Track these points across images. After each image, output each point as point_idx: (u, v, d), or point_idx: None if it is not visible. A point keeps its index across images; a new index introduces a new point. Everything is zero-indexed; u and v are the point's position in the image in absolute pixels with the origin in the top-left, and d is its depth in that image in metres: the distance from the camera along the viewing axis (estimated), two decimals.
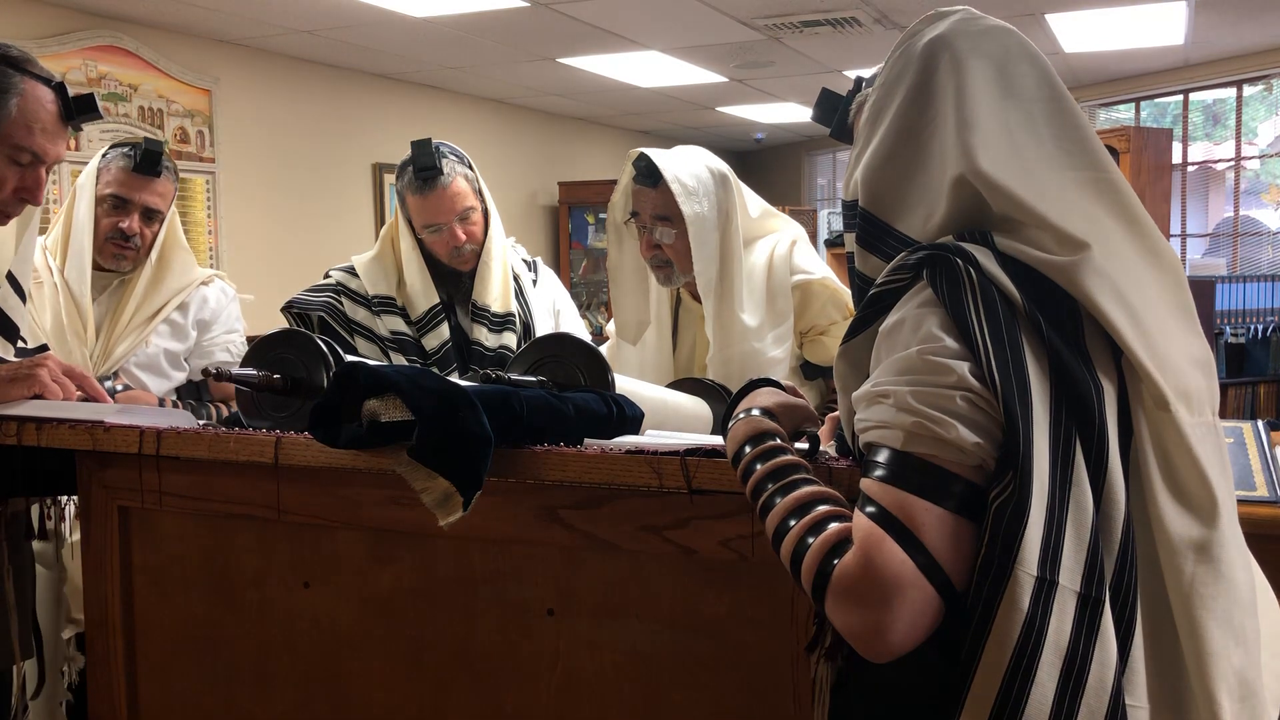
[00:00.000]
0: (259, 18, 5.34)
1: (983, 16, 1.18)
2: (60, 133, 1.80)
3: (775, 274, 2.28)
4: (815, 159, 11.31)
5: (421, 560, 1.55)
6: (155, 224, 2.36)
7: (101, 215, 2.31)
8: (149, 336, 2.35)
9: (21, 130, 1.73)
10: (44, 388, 1.75)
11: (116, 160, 2.31)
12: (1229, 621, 1.01)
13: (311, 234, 6.29)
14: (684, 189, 2.18)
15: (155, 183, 2.32)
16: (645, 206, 2.24)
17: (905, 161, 1.13)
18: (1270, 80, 7.73)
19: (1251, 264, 7.68)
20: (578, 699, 1.46)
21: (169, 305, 2.39)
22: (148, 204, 2.32)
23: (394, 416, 1.39)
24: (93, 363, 2.28)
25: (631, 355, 2.42)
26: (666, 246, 2.23)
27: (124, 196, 2.30)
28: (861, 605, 0.95)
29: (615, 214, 2.35)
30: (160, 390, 2.35)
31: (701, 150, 2.32)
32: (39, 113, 1.75)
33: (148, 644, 1.76)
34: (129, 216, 2.30)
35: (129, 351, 2.32)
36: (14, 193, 1.77)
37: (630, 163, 2.26)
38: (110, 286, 2.37)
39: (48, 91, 1.77)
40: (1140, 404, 1.03)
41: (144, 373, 2.34)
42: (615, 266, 2.39)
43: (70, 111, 1.80)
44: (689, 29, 5.84)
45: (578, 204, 8.80)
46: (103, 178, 2.31)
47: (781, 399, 1.26)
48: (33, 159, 1.76)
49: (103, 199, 2.30)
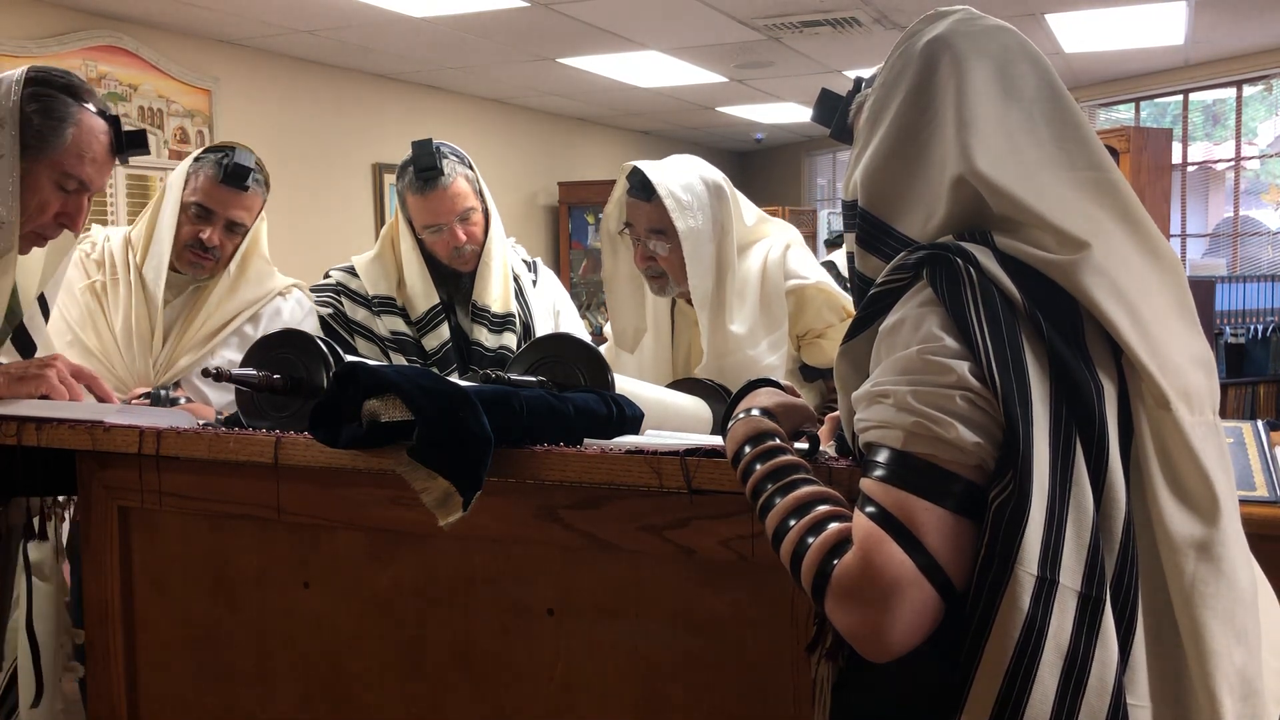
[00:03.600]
0: (259, 18, 5.34)
1: (982, 16, 1.18)
2: (108, 164, 1.84)
3: (769, 280, 2.26)
4: (815, 159, 11.30)
5: (421, 560, 1.55)
6: (238, 236, 2.29)
7: (184, 222, 2.24)
8: (216, 348, 2.28)
9: (73, 159, 1.78)
10: (51, 388, 1.75)
11: (207, 168, 2.24)
12: (1230, 620, 1.01)
13: (311, 234, 6.29)
14: (678, 204, 2.16)
15: (242, 196, 2.25)
16: (639, 219, 2.22)
17: (905, 162, 1.13)
18: (1270, 80, 7.73)
19: (1251, 264, 7.69)
20: (578, 699, 1.46)
21: (240, 317, 2.32)
22: (232, 217, 2.25)
23: (394, 416, 1.39)
24: (155, 371, 2.24)
25: (629, 360, 2.41)
26: (661, 258, 2.21)
27: (209, 207, 2.23)
28: (861, 605, 0.95)
29: (609, 224, 2.32)
30: (221, 403, 2.25)
31: (696, 160, 2.29)
32: (92, 144, 1.80)
33: (147, 644, 1.76)
34: (211, 227, 2.24)
35: (193, 364, 2.25)
36: (55, 218, 1.82)
37: (624, 176, 2.24)
38: (186, 290, 2.30)
39: (102, 123, 1.82)
40: (1141, 403, 1.03)
41: (206, 385, 2.25)
42: (610, 276, 2.37)
43: (121, 145, 1.85)
44: (689, 29, 5.84)
45: (578, 204, 8.79)
46: (190, 183, 2.25)
47: (781, 399, 1.26)
48: (79, 187, 1.81)
49: (187, 205, 2.24)
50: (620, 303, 2.38)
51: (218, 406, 2.23)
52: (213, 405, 2.22)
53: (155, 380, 2.23)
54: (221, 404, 2.25)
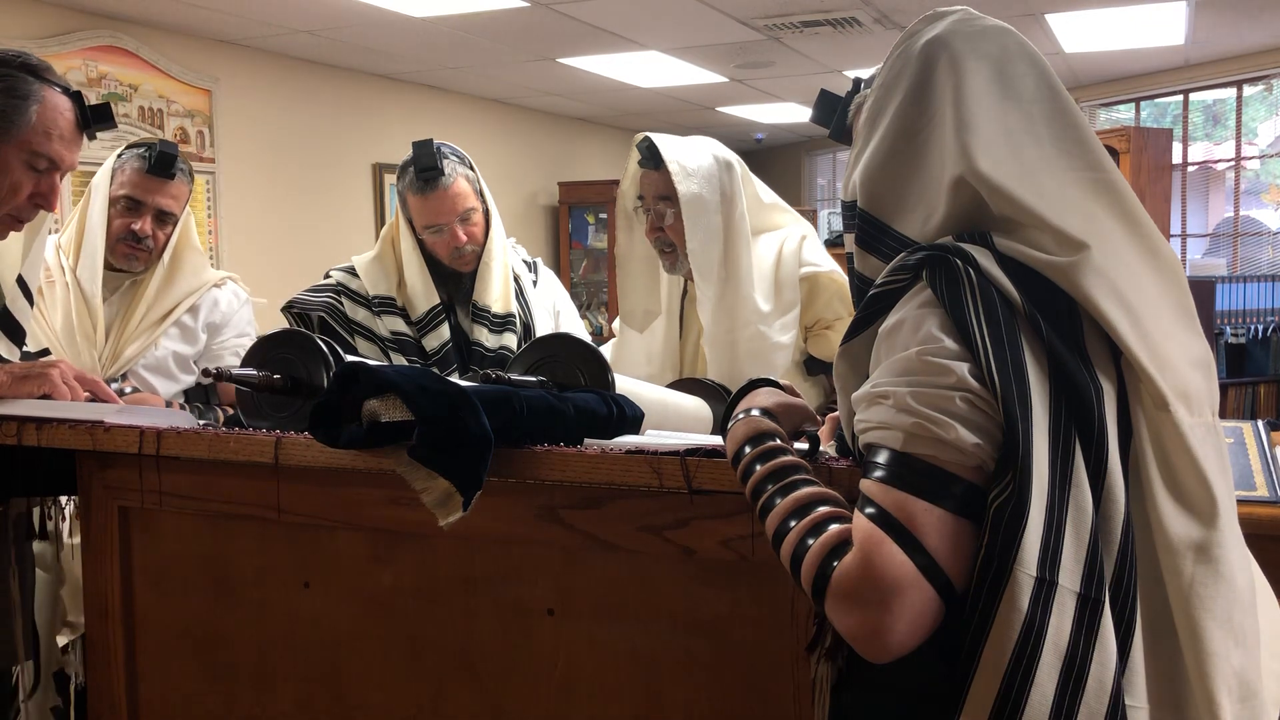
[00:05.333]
0: (259, 18, 5.34)
1: (981, 17, 1.18)
2: (76, 140, 1.83)
3: (784, 266, 2.31)
4: (815, 159, 11.30)
5: (421, 560, 1.55)
6: (168, 226, 2.35)
7: (114, 216, 2.30)
8: (158, 339, 2.35)
9: (40, 137, 1.76)
10: (54, 388, 1.76)
11: (131, 161, 2.31)
12: (1229, 622, 1.01)
13: (311, 234, 6.28)
14: (682, 169, 2.23)
15: (169, 185, 2.31)
16: (649, 189, 2.31)
17: (904, 162, 1.13)
18: (1270, 80, 7.73)
19: (1251, 264, 7.68)
20: (578, 699, 1.46)
21: (179, 308, 2.38)
22: (161, 206, 2.31)
23: (394, 416, 1.39)
24: (101, 364, 2.28)
25: (639, 344, 2.44)
26: (668, 228, 2.28)
27: (137, 198, 2.29)
28: (862, 606, 0.95)
29: (625, 201, 2.40)
30: (168, 393, 2.34)
31: (711, 140, 2.37)
32: (57, 120, 1.78)
33: (148, 644, 1.76)
34: (141, 218, 2.29)
35: (138, 354, 2.31)
36: (29, 198, 1.81)
37: (635, 146, 2.32)
38: (122, 287, 2.36)
39: (65, 100, 1.80)
40: (1140, 404, 1.03)
41: (153, 375, 2.33)
42: (624, 254, 2.42)
43: (87, 120, 1.83)
44: (689, 29, 5.84)
45: (578, 204, 8.79)
46: (117, 178, 2.31)
47: (781, 399, 1.26)
48: (49, 165, 1.80)
49: (116, 200, 2.30)
50: (632, 282, 2.42)
51: (166, 396, 2.32)
52: (160, 395, 2.29)
53: (103, 373, 2.27)
54: (170, 393, 2.34)
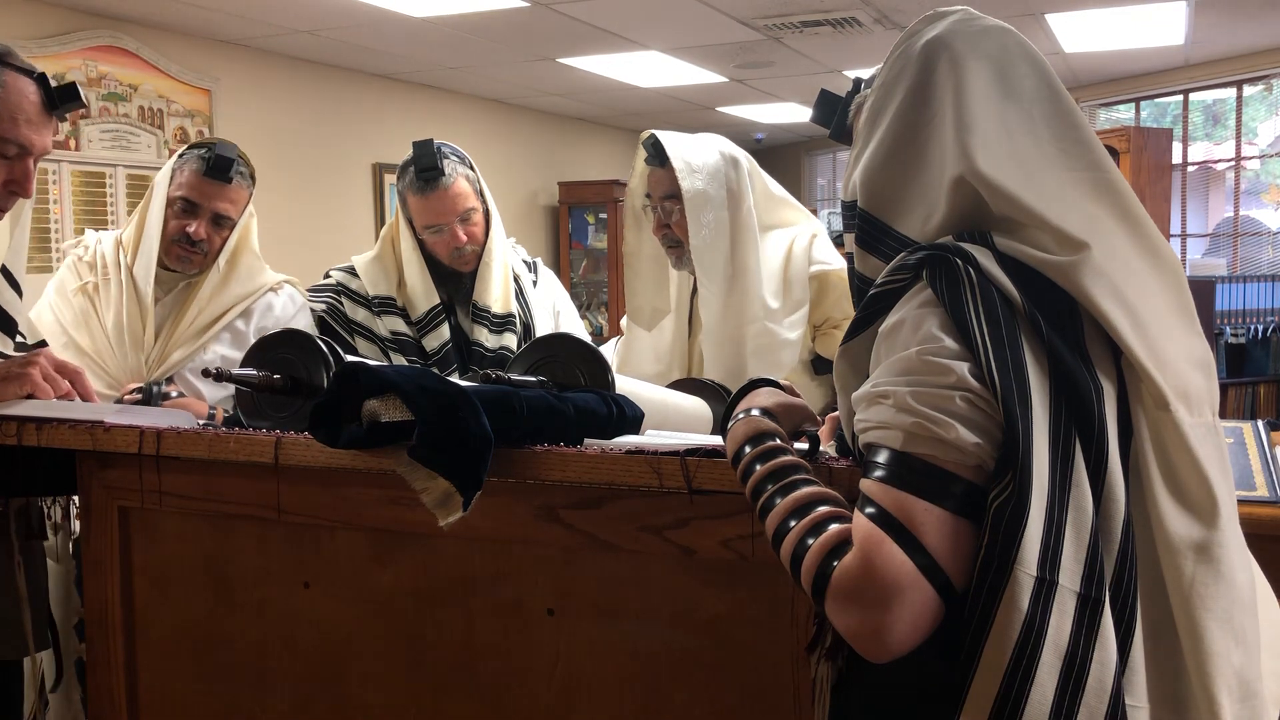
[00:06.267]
0: (259, 18, 5.34)
1: (981, 16, 1.18)
2: (46, 123, 1.78)
3: (794, 264, 2.31)
4: (815, 159, 11.30)
5: (421, 560, 1.55)
6: (225, 230, 2.30)
7: (170, 217, 2.26)
8: (208, 343, 2.29)
9: (6, 123, 1.72)
10: (35, 386, 1.73)
11: (191, 162, 2.27)
12: (1229, 622, 1.01)
13: (311, 234, 6.28)
14: (686, 166, 2.24)
15: (227, 189, 2.26)
16: (656, 187, 2.32)
17: (904, 162, 1.13)
18: (1270, 80, 7.73)
19: (1251, 264, 7.68)
20: (578, 699, 1.46)
21: (232, 311, 2.33)
22: (217, 210, 2.27)
23: (394, 416, 1.39)
24: (147, 367, 2.24)
25: (647, 342, 2.45)
26: (675, 225, 2.29)
27: (193, 200, 2.25)
28: (861, 606, 0.95)
29: (634, 200, 2.41)
30: (215, 399, 2.27)
31: (719, 137, 2.37)
32: (22, 104, 1.74)
33: (147, 644, 1.76)
34: (197, 221, 2.25)
35: (184, 360, 2.26)
36: (3, 185, 1.77)
37: (641, 143, 2.33)
38: (176, 288, 2.32)
39: (29, 83, 1.75)
40: (1140, 404, 1.03)
41: (200, 380, 2.26)
42: (633, 253, 2.43)
43: (54, 101, 1.78)
44: (689, 29, 5.84)
45: (578, 204, 8.79)
46: (175, 179, 2.27)
47: (781, 399, 1.26)
48: (19, 151, 1.75)
49: (173, 201, 2.26)
50: (640, 280, 2.43)
51: (212, 402, 2.25)
52: (206, 400, 2.24)
53: (148, 376, 2.24)
54: (216, 399, 2.27)
